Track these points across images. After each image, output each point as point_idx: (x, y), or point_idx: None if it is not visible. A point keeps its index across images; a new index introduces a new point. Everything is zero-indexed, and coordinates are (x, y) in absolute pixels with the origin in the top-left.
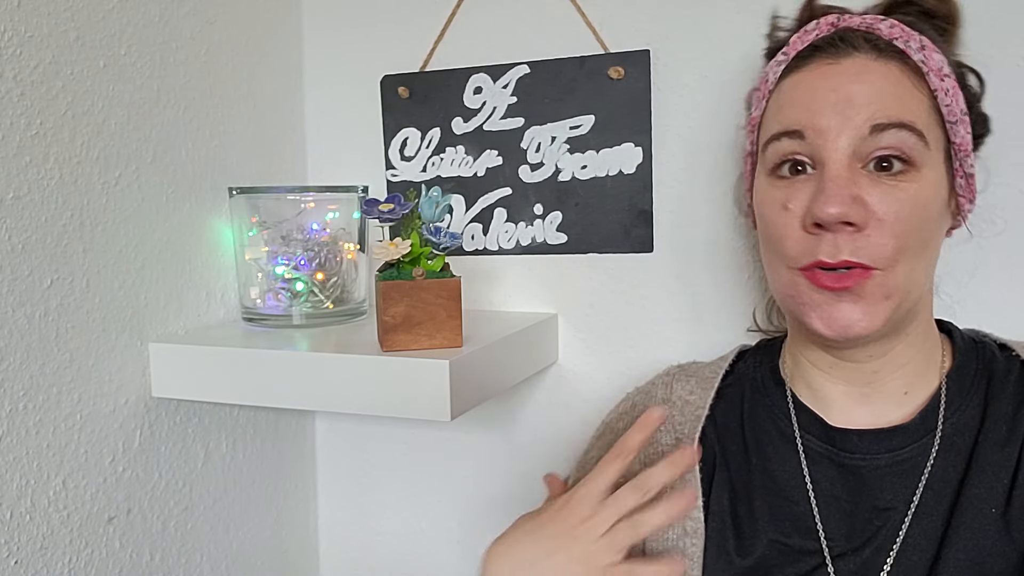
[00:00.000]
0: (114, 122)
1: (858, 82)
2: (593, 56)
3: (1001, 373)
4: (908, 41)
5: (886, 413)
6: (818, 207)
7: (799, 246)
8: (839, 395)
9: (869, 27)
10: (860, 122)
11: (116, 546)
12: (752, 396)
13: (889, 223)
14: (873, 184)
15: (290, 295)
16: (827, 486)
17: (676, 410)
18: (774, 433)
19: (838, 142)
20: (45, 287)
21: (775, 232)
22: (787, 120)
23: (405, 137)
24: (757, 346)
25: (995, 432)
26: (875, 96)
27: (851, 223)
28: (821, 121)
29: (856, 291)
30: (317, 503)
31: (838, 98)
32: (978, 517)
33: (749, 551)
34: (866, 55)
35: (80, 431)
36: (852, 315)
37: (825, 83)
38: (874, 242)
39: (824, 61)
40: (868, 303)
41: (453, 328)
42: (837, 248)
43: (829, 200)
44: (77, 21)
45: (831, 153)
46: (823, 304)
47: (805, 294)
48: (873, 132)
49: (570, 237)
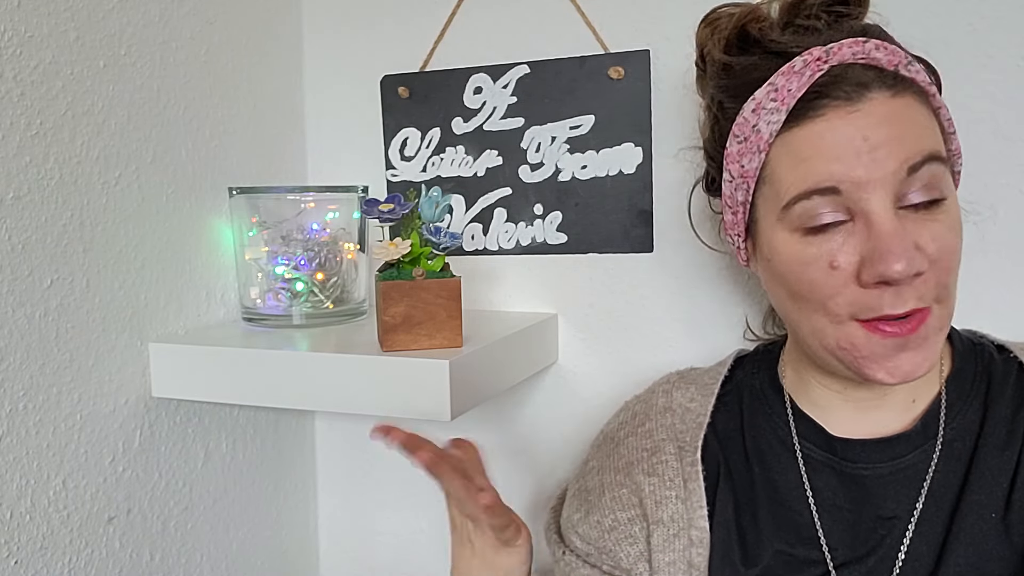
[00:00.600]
0: (114, 122)
1: (884, 125)
2: (593, 56)
3: (1000, 375)
4: (908, 65)
5: (889, 422)
6: (885, 267)
7: (856, 302)
8: (842, 407)
9: (867, 58)
10: (896, 167)
11: (116, 546)
12: (751, 404)
13: (943, 261)
14: (919, 226)
15: (290, 295)
16: (828, 495)
17: (677, 418)
18: (774, 442)
19: (879, 191)
20: (45, 287)
21: (820, 291)
22: (817, 176)
23: (405, 137)
24: (755, 352)
25: (994, 436)
26: (904, 137)
27: (918, 273)
28: (856, 172)
29: (921, 333)
30: (317, 503)
31: (869, 147)
32: (979, 522)
33: (754, 561)
34: (880, 93)
35: (80, 431)
36: (915, 359)
37: (851, 132)
38: (932, 282)
39: (841, 107)
40: (929, 344)
41: (453, 328)
42: (902, 299)
43: (895, 257)
44: (77, 21)
45: (875, 205)
46: (887, 355)
47: (865, 347)
48: (910, 173)
49: (570, 237)
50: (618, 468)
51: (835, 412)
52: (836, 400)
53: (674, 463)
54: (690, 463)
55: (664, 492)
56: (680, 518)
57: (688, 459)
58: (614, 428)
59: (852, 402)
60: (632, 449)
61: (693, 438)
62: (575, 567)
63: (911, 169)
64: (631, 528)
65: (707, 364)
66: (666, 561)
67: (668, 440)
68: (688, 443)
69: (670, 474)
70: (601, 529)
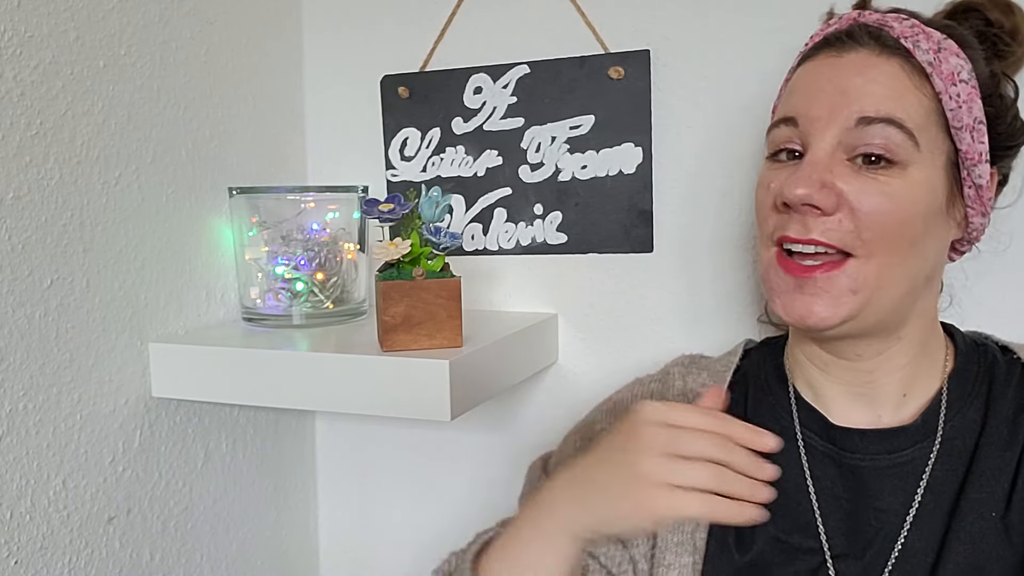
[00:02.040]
0: (114, 122)
1: (856, 76)
2: (593, 56)
3: (1002, 376)
4: (919, 41)
5: (886, 414)
6: (786, 187)
7: (773, 223)
8: (838, 393)
9: (881, 23)
10: (848, 114)
11: (116, 546)
12: (755, 393)
13: (863, 213)
14: (852, 175)
15: (290, 295)
16: (828, 484)
17: (687, 401)
18: (776, 429)
19: (824, 131)
20: (45, 287)
21: (758, 210)
22: (786, 108)
23: (405, 137)
24: (762, 343)
25: (996, 435)
26: (869, 90)
27: (816, 207)
28: (813, 110)
29: (821, 283)
30: (317, 503)
31: (833, 89)
32: (978, 521)
33: (748, 547)
34: (869, 50)
35: (80, 431)
36: (812, 306)
37: (825, 74)
38: (844, 227)
39: (830, 54)
40: (831, 296)
41: (453, 328)
42: (805, 227)
43: (797, 181)
44: (77, 21)
45: (815, 140)
46: (787, 291)
47: (773, 278)
48: (859, 124)
49: (570, 237)
50: None
51: (834, 401)
52: (827, 384)
53: None
54: None
55: None
56: None
57: None
58: (627, 399)
59: (838, 385)
60: None
61: None
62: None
63: (861, 121)
64: None
65: None
66: (675, 541)
67: None
68: None
69: None
70: None
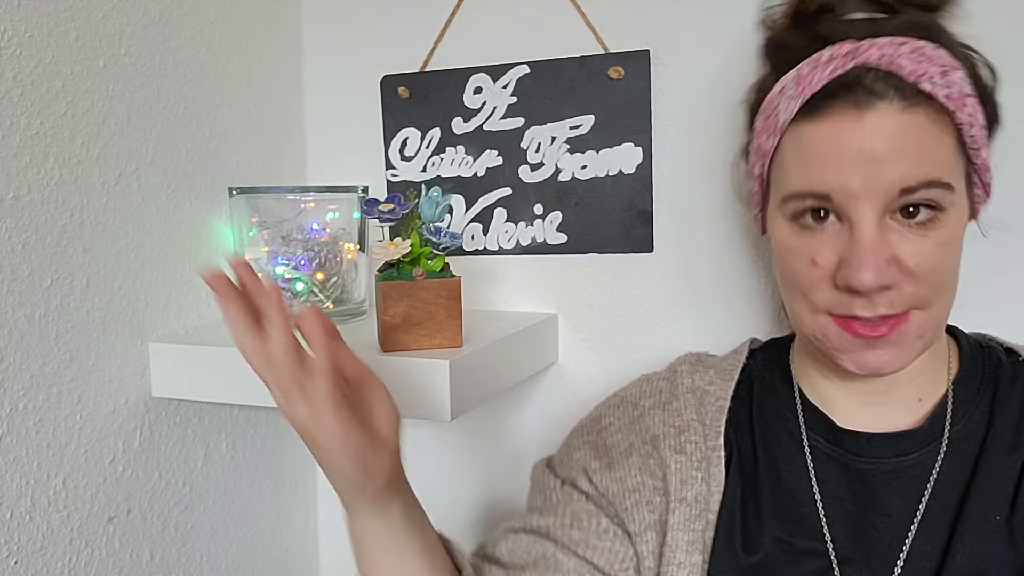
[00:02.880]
0: (114, 122)
1: (886, 140)
2: (593, 56)
3: (1007, 378)
4: (933, 77)
5: (896, 418)
6: (852, 275)
7: (831, 299)
8: (849, 400)
9: (890, 64)
10: (889, 185)
11: (116, 546)
12: (761, 394)
13: (925, 274)
14: (903, 238)
15: (290, 295)
16: (833, 487)
17: (699, 400)
18: (782, 432)
19: (868, 205)
20: (45, 287)
21: (800, 280)
22: (813, 182)
23: (405, 137)
24: (767, 343)
25: (1001, 438)
26: (904, 156)
27: (888, 287)
28: (850, 184)
29: (892, 339)
30: (317, 503)
31: (867, 159)
32: (982, 524)
33: (754, 548)
34: (891, 105)
35: (80, 431)
36: (884, 358)
37: (851, 142)
38: (908, 293)
39: (847, 113)
40: (902, 348)
41: (453, 328)
42: (872, 305)
43: (865, 267)
44: (77, 21)
45: (861, 217)
46: (856, 350)
47: (836, 340)
48: (902, 194)
49: (570, 237)
50: (644, 438)
51: (841, 404)
52: (840, 394)
53: (701, 444)
54: (712, 447)
55: (691, 472)
56: (702, 499)
57: (711, 442)
58: (636, 395)
59: (854, 395)
60: (659, 423)
61: (714, 421)
62: (576, 499)
63: (904, 191)
64: (653, 497)
65: None
66: (686, 540)
67: (696, 421)
68: (710, 426)
69: (697, 455)
70: (623, 487)
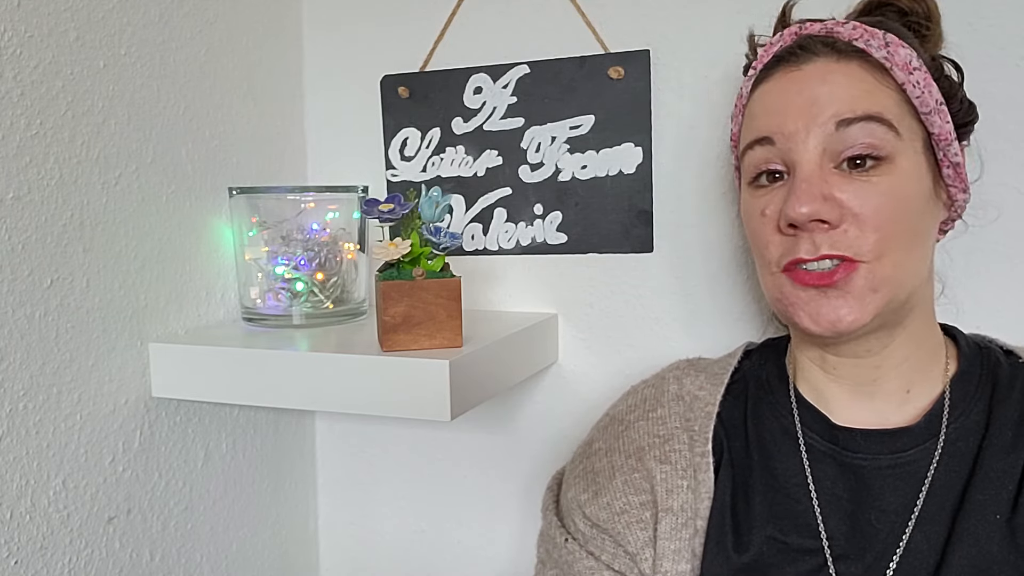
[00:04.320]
0: (114, 122)
1: (822, 83)
2: (593, 56)
3: (1006, 379)
4: (869, 40)
5: (889, 414)
6: (789, 207)
7: (778, 248)
8: (842, 393)
9: (829, 31)
10: (826, 119)
11: (116, 546)
12: (756, 393)
13: (867, 217)
14: (846, 181)
15: (290, 295)
16: (828, 485)
17: (687, 406)
18: (777, 430)
19: (807, 143)
20: (45, 287)
21: (757, 239)
22: (757, 129)
23: (405, 137)
24: (763, 344)
25: (1000, 438)
26: (839, 94)
27: (824, 221)
28: (788, 125)
29: (842, 287)
30: (317, 503)
31: (803, 100)
32: (982, 523)
33: (745, 548)
34: (827, 58)
35: (80, 431)
36: (839, 310)
37: (790, 88)
38: (852, 236)
39: (788, 69)
40: (855, 297)
41: (453, 328)
42: (815, 245)
43: (799, 200)
44: (77, 21)
45: (801, 155)
46: (809, 301)
47: (791, 294)
48: (840, 127)
49: (570, 237)
50: (628, 452)
51: (837, 401)
52: (832, 385)
53: (686, 452)
54: (700, 453)
55: (676, 481)
56: (689, 507)
57: (699, 449)
58: (623, 411)
59: (844, 383)
60: (643, 434)
61: (703, 427)
62: (578, 557)
63: (841, 123)
64: (642, 513)
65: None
66: (672, 549)
67: (681, 429)
68: (698, 432)
69: (682, 463)
70: (611, 512)
